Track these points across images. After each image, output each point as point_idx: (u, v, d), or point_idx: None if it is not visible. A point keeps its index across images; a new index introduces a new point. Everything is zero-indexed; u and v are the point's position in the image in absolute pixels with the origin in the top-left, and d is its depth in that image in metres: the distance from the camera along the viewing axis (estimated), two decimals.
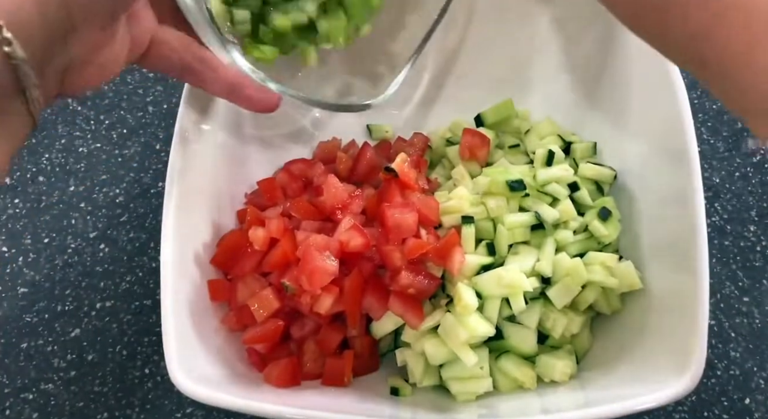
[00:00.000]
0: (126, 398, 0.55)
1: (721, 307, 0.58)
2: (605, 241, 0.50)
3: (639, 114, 0.52)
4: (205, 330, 0.46)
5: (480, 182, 0.51)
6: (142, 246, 0.62)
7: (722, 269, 0.60)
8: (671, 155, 0.47)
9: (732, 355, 0.56)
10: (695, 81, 0.64)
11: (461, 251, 0.47)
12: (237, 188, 0.56)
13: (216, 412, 0.54)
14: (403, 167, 0.51)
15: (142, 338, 0.57)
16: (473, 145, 0.56)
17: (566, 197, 0.51)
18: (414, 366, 0.48)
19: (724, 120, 0.67)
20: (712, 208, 0.63)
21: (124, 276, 0.60)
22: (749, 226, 0.62)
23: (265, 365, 0.48)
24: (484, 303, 0.47)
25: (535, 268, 0.48)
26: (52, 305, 0.59)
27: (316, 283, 0.44)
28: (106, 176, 0.66)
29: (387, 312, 0.48)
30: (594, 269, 0.48)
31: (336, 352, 0.49)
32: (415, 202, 0.49)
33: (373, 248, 0.47)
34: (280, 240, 0.48)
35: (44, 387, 0.55)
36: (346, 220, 0.48)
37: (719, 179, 0.64)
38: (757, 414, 0.53)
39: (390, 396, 0.48)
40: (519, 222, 0.49)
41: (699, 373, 0.39)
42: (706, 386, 0.55)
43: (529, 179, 0.51)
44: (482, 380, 0.46)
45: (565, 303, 0.48)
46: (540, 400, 0.46)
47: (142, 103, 0.71)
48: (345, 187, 0.52)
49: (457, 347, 0.45)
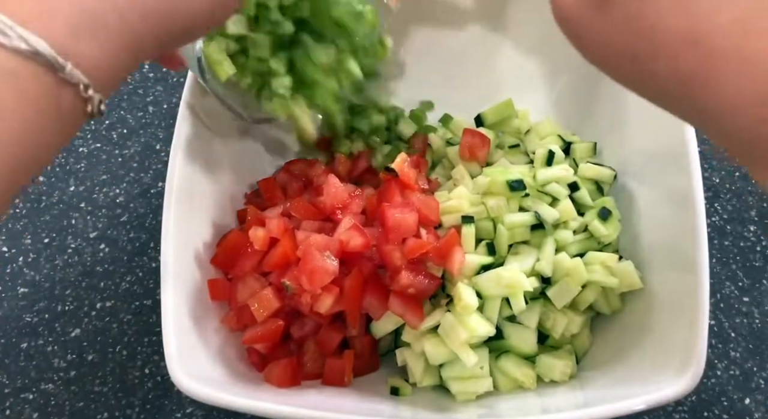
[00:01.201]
0: (126, 398, 0.55)
1: (721, 307, 0.58)
2: (605, 241, 0.50)
3: (639, 114, 0.52)
4: (205, 330, 0.46)
5: (480, 182, 0.51)
6: (142, 246, 0.62)
7: (722, 269, 0.60)
8: (671, 155, 0.47)
9: (732, 355, 0.56)
10: None
11: (461, 251, 0.47)
12: (237, 188, 0.56)
13: (216, 412, 0.54)
14: (403, 167, 0.51)
15: (142, 338, 0.57)
16: (473, 145, 0.56)
17: (566, 197, 0.51)
18: (414, 366, 0.48)
19: None
20: (712, 208, 0.63)
21: (124, 276, 0.60)
22: (749, 226, 0.62)
23: (265, 365, 0.48)
24: (484, 303, 0.47)
25: (535, 268, 0.48)
26: (52, 305, 0.59)
27: (316, 283, 0.44)
28: (106, 176, 0.66)
29: (387, 312, 0.48)
30: (594, 269, 0.48)
31: (336, 352, 0.49)
32: (415, 202, 0.49)
33: (373, 248, 0.47)
34: (280, 240, 0.48)
35: (44, 387, 0.55)
36: (346, 220, 0.48)
37: (719, 179, 0.64)
38: (757, 414, 0.53)
39: (390, 396, 0.48)
40: (519, 222, 0.49)
41: (699, 373, 0.39)
42: (706, 386, 0.55)
43: (529, 179, 0.51)
44: (482, 380, 0.46)
45: (565, 303, 0.48)
46: (540, 400, 0.46)
47: (142, 103, 0.71)
48: (345, 187, 0.52)
49: (457, 347, 0.45)
